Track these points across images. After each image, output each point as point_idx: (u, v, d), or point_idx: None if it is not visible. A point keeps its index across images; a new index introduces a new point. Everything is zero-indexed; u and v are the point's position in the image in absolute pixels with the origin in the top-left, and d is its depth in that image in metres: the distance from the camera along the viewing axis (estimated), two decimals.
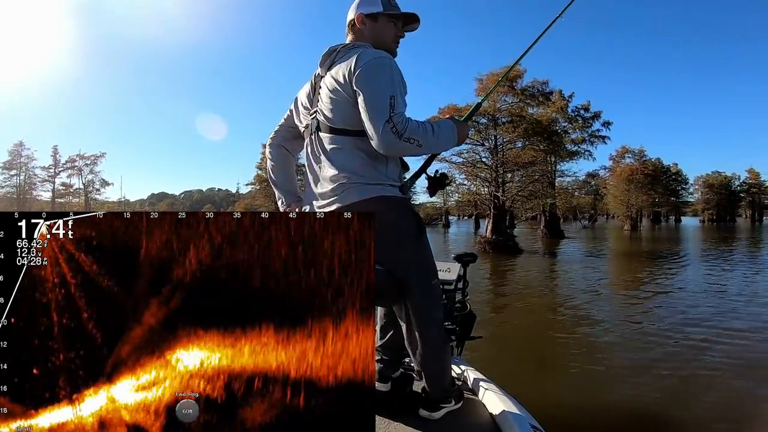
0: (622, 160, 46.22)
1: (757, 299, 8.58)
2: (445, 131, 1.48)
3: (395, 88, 1.41)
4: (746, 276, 11.87)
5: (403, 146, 1.38)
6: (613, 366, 4.89)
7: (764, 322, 6.73)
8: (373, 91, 1.40)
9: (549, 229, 31.47)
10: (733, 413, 3.71)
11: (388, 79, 1.41)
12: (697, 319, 6.84)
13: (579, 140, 33.14)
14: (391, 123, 1.36)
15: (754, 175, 71.12)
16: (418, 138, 1.39)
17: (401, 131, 1.36)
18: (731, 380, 4.42)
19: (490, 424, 1.65)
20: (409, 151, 1.42)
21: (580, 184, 43.25)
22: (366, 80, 1.41)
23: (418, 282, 1.55)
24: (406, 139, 1.36)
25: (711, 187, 67.82)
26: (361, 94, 1.41)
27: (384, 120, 1.36)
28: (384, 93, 1.38)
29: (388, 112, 1.37)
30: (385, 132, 1.36)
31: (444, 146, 1.52)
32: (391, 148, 1.39)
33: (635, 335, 6.13)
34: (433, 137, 1.43)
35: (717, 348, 5.41)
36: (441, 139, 1.47)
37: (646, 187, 44.42)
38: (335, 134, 1.50)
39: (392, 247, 1.48)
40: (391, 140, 1.36)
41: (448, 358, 1.69)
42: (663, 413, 3.77)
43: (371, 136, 1.39)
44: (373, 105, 1.38)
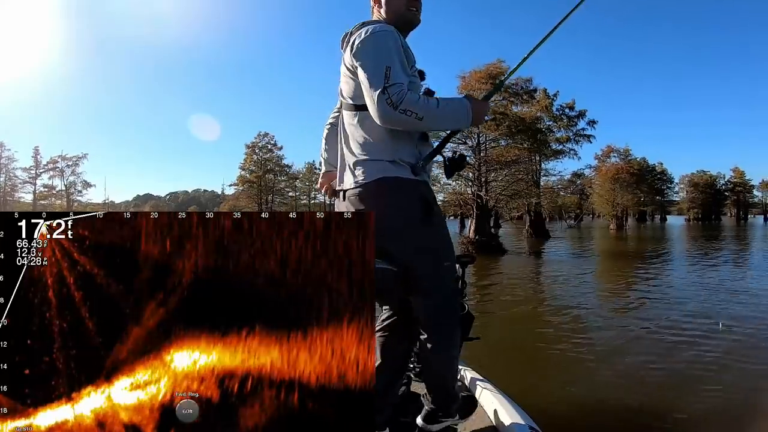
0: (608, 159, 46.53)
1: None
2: (452, 107, 1.44)
3: (392, 59, 1.38)
4: (737, 276, 11.53)
5: (401, 118, 1.35)
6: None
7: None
8: (367, 63, 1.40)
9: (534, 228, 31.23)
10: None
11: (384, 50, 1.40)
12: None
13: (564, 139, 33.15)
14: (386, 94, 1.34)
15: (738, 174, 72.31)
16: (417, 111, 1.35)
17: (396, 102, 1.33)
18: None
19: (488, 423, 1.67)
20: (409, 124, 1.38)
21: (565, 184, 43.48)
22: (362, 53, 1.42)
23: (424, 270, 1.49)
24: (403, 110, 1.34)
25: (696, 186, 68.64)
26: (358, 66, 1.42)
27: (378, 91, 1.35)
28: (378, 64, 1.37)
29: (383, 83, 1.35)
30: (380, 102, 1.34)
31: (453, 123, 1.50)
32: (388, 120, 1.37)
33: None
34: (437, 111, 1.40)
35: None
36: (447, 115, 1.44)
37: (632, 186, 44.68)
38: (349, 111, 1.52)
39: (391, 236, 1.41)
40: (386, 111, 1.34)
41: (456, 359, 1.59)
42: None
43: (369, 108, 1.39)
44: (368, 77, 1.38)
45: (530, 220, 31.76)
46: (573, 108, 33.23)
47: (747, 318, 6.76)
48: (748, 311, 7.31)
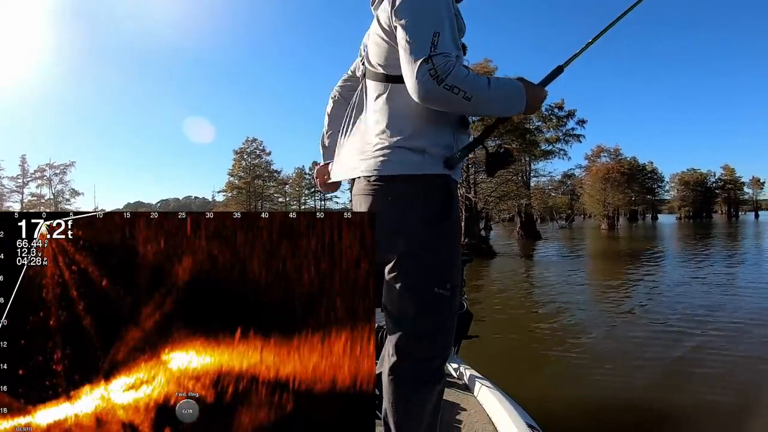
0: (598, 159, 46.50)
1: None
2: (506, 89, 1.20)
3: (442, 23, 1.14)
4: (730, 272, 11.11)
5: (445, 95, 1.11)
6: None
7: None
8: (412, 23, 1.15)
9: (525, 230, 30.89)
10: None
11: (435, 10, 1.15)
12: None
13: (553, 139, 32.84)
14: (430, 63, 1.10)
15: (729, 172, 72.78)
16: (465, 88, 1.10)
17: (442, 74, 1.09)
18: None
19: (486, 421, 1.66)
20: (453, 103, 1.13)
21: (556, 184, 43.31)
22: (407, 10, 1.16)
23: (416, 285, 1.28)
24: (449, 86, 1.09)
25: (687, 185, 68.97)
26: (398, 27, 1.17)
27: (421, 58, 1.11)
28: (426, 27, 1.13)
29: (428, 50, 1.11)
30: (421, 73, 1.10)
31: (504, 109, 1.25)
32: (428, 96, 1.12)
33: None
34: (488, 92, 1.15)
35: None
36: (500, 98, 1.20)
37: (623, 185, 44.65)
38: (377, 81, 1.30)
39: (406, 240, 1.24)
40: (428, 84, 1.10)
41: (426, 406, 1.29)
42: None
43: (406, 79, 1.15)
44: (411, 40, 1.14)
45: (521, 222, 31.42)
46: (562, 108, 32.90)
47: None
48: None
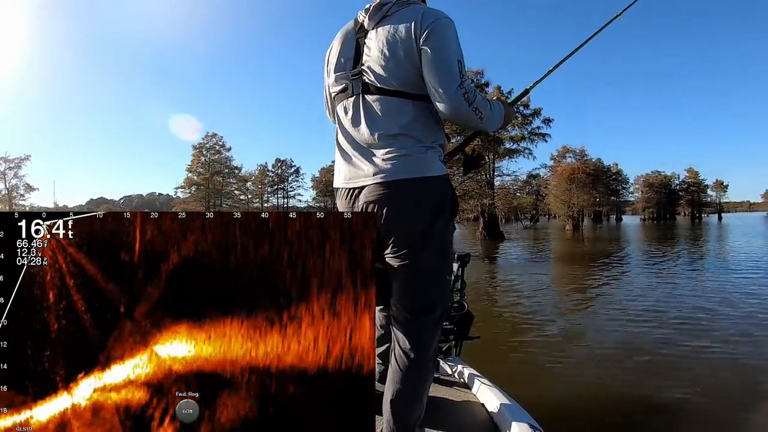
0: (563, 159, 46.21)
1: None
2: (497, 109, 1.43)
3: (461, 53, 1.34)
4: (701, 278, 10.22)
5: (470, 115, 1.32)
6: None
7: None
8: (446, 51, 1.30)
9: (488, 230, 30.00)
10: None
11: (457, 42, 1.34)
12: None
13: (518, 138, 32.07)
14: (463, 88, 1.29)
15: (693, 174, 74.22)
16: (483, 111, 1.34)
17: (471, 99, 1.30)
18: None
19: (487, 422, 1.65)
20: (471, 121, 1.35)
21: (521, 184, 42.76)
22: (438, 39, 1.31)
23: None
24: (475, 108, 1.31)
25: (651, 186, 70.02)
26: (431, 52, 1.30)
27: (456, 84, 1.29)
28: (454, 55, 1.31)
29: (459, 77, 1.29)
30: (458, 96, 1.29)
31: (493, 126, 1.45)
32: (457, 114, 1.31)
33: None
34: (491, 113, 1.39)
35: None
36: (495, 118, 1.42)
37: (588, 186, 44.55)
38: (387, 96, 1.36)
39: (416, 240, 1.33)
40: (461, 106, 1.29)
41: (423, 394, 1.38)
42: None
43: (439, 99, 1.30)
44: (446, 66, 1.30)
45: (484, 222, 30.48)
46: (528, 106, 32.16)
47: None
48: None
